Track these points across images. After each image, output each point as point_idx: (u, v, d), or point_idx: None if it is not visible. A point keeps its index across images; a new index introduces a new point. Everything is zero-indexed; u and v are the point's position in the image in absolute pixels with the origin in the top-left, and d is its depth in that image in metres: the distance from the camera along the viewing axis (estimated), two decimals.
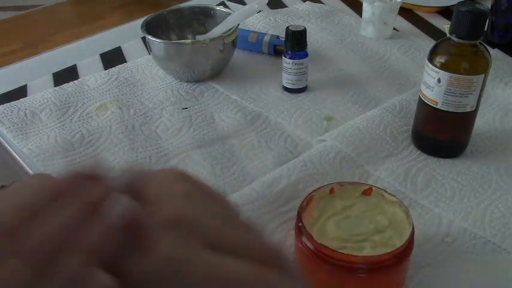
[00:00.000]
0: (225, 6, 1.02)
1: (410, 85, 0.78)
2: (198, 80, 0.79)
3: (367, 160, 0.61)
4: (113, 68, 0.84)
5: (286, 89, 0.76)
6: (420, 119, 0.62)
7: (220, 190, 0.58)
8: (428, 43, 0.89)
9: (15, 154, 0.66)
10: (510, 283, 0.46)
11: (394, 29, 0.93)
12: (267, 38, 0.86)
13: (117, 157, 0.64)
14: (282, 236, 0.51)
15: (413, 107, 0.65)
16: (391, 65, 0.84)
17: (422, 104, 0.60)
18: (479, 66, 0.55)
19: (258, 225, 0.25)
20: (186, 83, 0.79)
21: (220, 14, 0.83)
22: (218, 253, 0.21)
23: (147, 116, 0.72)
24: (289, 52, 0.74)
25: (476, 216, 0.53)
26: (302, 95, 0.76)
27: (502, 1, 0.86)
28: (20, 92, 0.79)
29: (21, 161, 0.65)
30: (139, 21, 0.78)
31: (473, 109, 0.58)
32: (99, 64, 0.87)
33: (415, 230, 0.44)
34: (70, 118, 0.71)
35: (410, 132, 0.65)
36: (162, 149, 0.65)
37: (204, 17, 0.85)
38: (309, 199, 0.46)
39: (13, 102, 0.75)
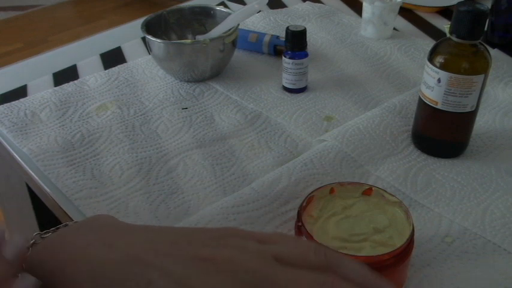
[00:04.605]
0: (225, 6, 1.02)
1: (410, 85, 0.78)
2: (198, 80, 0.79)
3: (367, 160, 0.61)
4: (113, 68, 0.84)
5: (286, 89, 0.77)
6: (420, 119, 0.62)
7: (220, 190, 0.58)
8: (428, 43, 0.89)
9: (15, 154, 0.66)
10: (510, 283, 0.46)
11: (394, 29, 0.94)
12: (267, 38, 0.86)
13: (117, 157, 0.64)
14: None
15: (413, 107, 0.65)
16: (391, 65, 0.84)
17: (422, 104, 0.60)
18: (479, 66, 0.55)
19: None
20: (186, 83, 0.79)
21: (220, 14, 0.83)
22: None
23: (147, 116, 0.72)
24: (289, 52, 0.74)
25: (476, 216, 0.53)
26: (302, 95, 0.76)
27: (502, 1, 0.86)
28: (20, 92, 0.79)
29: (21, 161, 0.65)
30: (139, 21, 0.78)
31: (473, 109, 0.58)
32: (99, 64, 0.87)
33: (415, 230, 0.44)
34: (70, 118, 0.71)
35: (410, 132, 0.65)
36: (162, 149, 0.65)
37: (204, 17, 0.85)
38: (309, 199, 0.46)
39: (13, 102, 0.75)
